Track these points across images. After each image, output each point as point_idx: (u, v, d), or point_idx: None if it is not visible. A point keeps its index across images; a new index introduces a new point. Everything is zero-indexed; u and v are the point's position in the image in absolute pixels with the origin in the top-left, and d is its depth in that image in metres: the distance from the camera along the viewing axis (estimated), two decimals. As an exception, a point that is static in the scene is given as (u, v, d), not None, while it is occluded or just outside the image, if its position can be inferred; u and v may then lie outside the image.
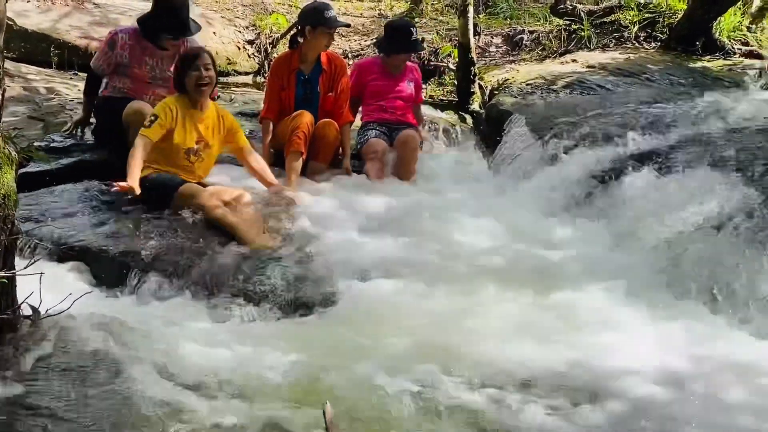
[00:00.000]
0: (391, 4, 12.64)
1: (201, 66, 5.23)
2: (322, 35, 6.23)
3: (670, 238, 4.80)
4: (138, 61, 5.99)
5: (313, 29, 6.20)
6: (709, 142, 5.71)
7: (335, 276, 4.63)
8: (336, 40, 10.11)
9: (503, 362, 3.61)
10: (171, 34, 5.94)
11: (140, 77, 5.97)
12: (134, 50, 5.98)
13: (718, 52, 8.48)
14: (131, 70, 5.99)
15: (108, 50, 6.01)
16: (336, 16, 6.36)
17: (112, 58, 5.98)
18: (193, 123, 5.28)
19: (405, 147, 6.43)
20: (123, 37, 6.00)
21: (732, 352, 3.74)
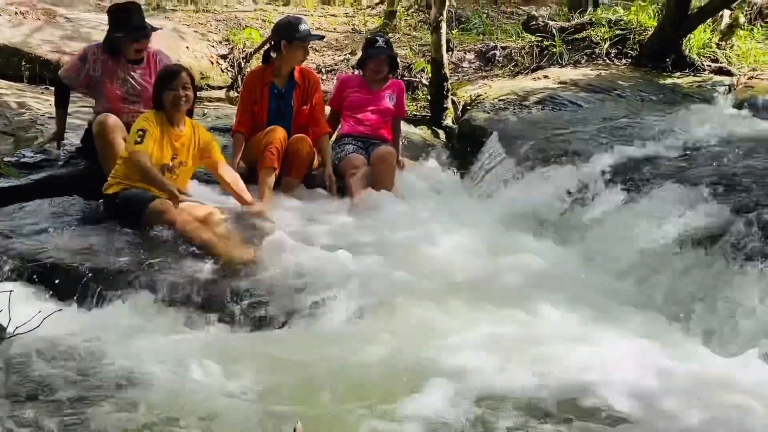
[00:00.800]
0: (365, 19, 12.68)
1: (179, 85, 5.24)
2: (297, 49, 6.25)
3: (640, 255, 4.84)
4: (110, 75, 5.98)
5: (288, 43, 6.21)
6: (679, 159, 5.78)
7: (306, 292, 4.59)
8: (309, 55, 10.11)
9: (474, 380, 3.58)
10: (126, 36, 5.93)
11: (114, 94, 5.95)
12: (106, 64, 5.98)
13: (688, 69, 8.60)
14: (104, 85, 5.98)
15: (79, 63, 6.02)
16: (310, 30, 6.39)
17: (83, 71, 5.98)
18: (169, 140, 5.26)
19: (382, 163, 6.41)
20: (95, 52, 6.03)
21: (700, 370, 3.74)
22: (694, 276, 4.50)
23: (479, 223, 5.87)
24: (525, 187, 6.24)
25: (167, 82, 5.25)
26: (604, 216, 5.49)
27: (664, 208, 5.16)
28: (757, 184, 4.99)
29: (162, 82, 5.28)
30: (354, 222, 5.68)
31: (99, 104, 6.06)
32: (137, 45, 5.98)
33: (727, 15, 9.43)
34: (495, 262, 5.16)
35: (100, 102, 6.04)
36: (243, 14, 11.86)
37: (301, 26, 6.25)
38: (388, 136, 6.82)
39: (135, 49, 5.98)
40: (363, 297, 4.52)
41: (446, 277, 4.87)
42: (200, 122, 6.36)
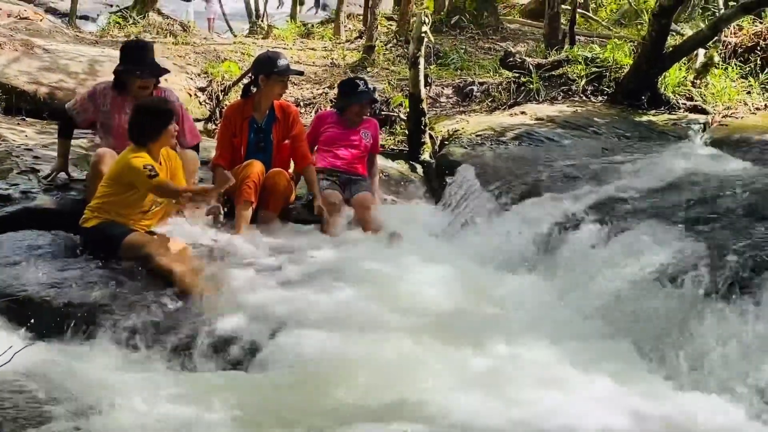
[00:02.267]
0: (344, 53, 12.77)
1: (175, 122, 5.32)
2: (275, 84, 6.29)
3: (614, 293, 4.81)
4: (118, 110, 6.02)
5: (267, 78, 6.25)
6: (653, 197, 5.80)
7: (279, 328, 4.57)
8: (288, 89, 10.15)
9: (447, 422, 3.56)
10: (135, 74, 5.99)
11: (123, 129, 5.90)
12: (115, 100, 6.06)
13: (663, 107, 8.71)
14: (113, 120, 6.03)
15: (87, 100, 6.12)
16: (289, 65, 6.42)
17: (90, 109, 6.07)
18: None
19: (362, 208, 6.45)
20: (104, 88, 6.13)
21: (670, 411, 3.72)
22: (666, 315, 4.47)
23: (454, 259, 5.86)
24: (500, 223, 6.24)
25: (168, 119, 5.23)
26: (579, 253, 5.46)
27: (637, 246, 5.13)
28: (730, 223, 5.00)
29: (161, 119, 5.24)
30: (329, 258, 5.65)
31: (105, 141, 6.09)
32: (141, 82, 6.01)
33: (702, 54, 9.57)
34: (469, 298, 5.15)
35: (106, 138, 6.08)
36: (222, 47, 11.92)
37: (280, 61, 6.30)
38: (363, 171, 6.85)
39: (139, 86, 6.01)
40: (335, 334, 4.47)
41: (420, 314, 4.83)
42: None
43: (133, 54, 6.11)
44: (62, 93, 8.35)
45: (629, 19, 16.21)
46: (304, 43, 14.41)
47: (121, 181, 5.15)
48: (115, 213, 5.15)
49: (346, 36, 15.17)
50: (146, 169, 5.08)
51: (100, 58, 9.26)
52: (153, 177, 5.07)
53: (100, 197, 5.22)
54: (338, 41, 14.54)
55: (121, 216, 5.16)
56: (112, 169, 5.27)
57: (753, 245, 4.53)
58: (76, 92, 8.35)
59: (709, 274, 4.45)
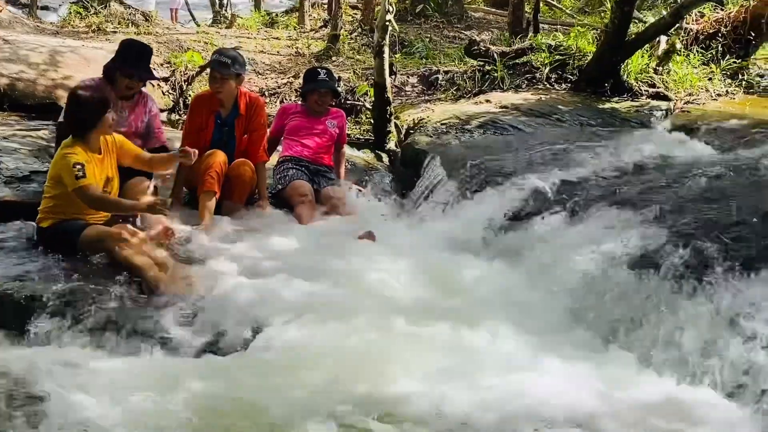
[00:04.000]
0: (309, 42, 12.71)
1: (114, 111, 5.21)
2: (210, 79, 6.30)
3: (578, 277, 4.86)
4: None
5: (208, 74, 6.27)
6: (616, 182, 5.86)
7: (247, 318, 4.56)
8: (253, 78, 10.12)
9: (416, 405, 3.59)
10: (122, 72, 5.91)
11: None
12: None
13: (626, 94, 8.77)
14: None
15: None
16: (217, 59, 6.23)
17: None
18: (96, 164, 5.16)
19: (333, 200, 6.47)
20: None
21: (639, 391, 3.78)
22: (630, 298, 4.53)
23: (421, 246, 5.88)
24: (466, 210, 6.27)
25: (105, 107, 5.16)
26: (544, 239, 5.52)
27: (601, 231, 5.20)
28: (692, 207, 5.06)
29: (99, 107, 5.16)
30: (296, 247, 5.64)
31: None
32: (129, 83, 5.95)
33: (664, 41, 9.64)
34: (436, 285, 5.16)
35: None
36: (185, 37, 11.82)
37: (215, 56, 6.29)
38: (329, 162, 6.84)
39: (127, 85, 5.95)
40: (303, 323, 4.48)
41: (389, 300, 4.86)
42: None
43: (132, 54, 6.00)
44: (23, 84, 8.20)
45: (592, 6, 16.34)
46: (268, 32, 14.32)
47: (61, 180, 5.05)
48: (69, 211, 5.08)
49: (311, 25, 15.10)
50: (75, 168, 4.97)
51: (61, 49, 9.11)
52: (79, 178, 4.96)
53: (48, 197, 5.13)
54: (303, 30, 14.47)
55: (75, 213, 5.09)
56: (52, 168, 5.16)
57: (715, 230, 4.59)
58: (36, 83, 8.24)
59: (672, 258, 4.50)
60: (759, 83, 9.98)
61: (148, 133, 6.07)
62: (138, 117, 6.00)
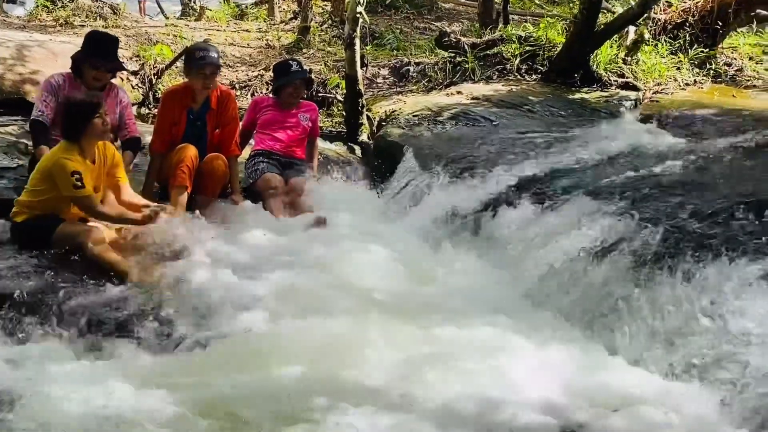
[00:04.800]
0: (279, 35, 12.65)
1: (103, 113, 5.14)
2: (195, 78, 6.21)
3: (552, 267, 4.90)
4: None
5: (188, 72, 6.24)
6: (588, 173, 5.91)
7: (220, 313, 4.55)
8: (223, 71, 10.05)
9: (392, 398, 3.59)
10: (95, 66, 5.88)
11: None
12: (70, 89, 5.88)
13: (596, 84, 8.83)
14: None
15: (48, 95, 5.90)
16: (209, 56, 6.19)
17: (53, 101, 5.87)
18: (90, 174, 5.11)
19: (294, 193, 6.47)
20: (58, 80, 5.96)
21: (610, 378, 3.81)
22: (601, 287, 4.57)
23: (395, 239, 5.91)
24: (439, 202, 6.29)
25: (94, 111, 5.09)
26: (517, 228, 5.55)
27: (572, 221, 5.23)
28: (662, 197, 5.10)
29: (87, 111, 5.08)
30: (270, 241, 5.64)
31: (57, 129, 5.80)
32: (96, 74, 5.91)
33: (632, 31, 9.70)
34: (410, 277, 5.20)
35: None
36: (154, 30, 11.72)
37: (199, 53, 6.21)
38: (301, 155, 6.83)
39: (94, 77, 5.90)
40: (278, 317, 4.48)
41: (362, 292, 4.87)
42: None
43: (97, 45, 5.97)
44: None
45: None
46: (238, 24, 14.25)
47: (51, 179, 5.02)
48: (47, 207, 5.04)
49: (281, 17, 15.03)
50: (74, 177, 4.95)
51: (29, 43, 9.01)
52: (78, 188, 4.95)
53: (30, 192, 5.09)
54: (273, 22, 14.40)
55: (53, 209, 5.06)
56: (42, 164, 5.11)
57: (685, 219, 4.63)
58: (4, 78, 8.16)
59: (642, 247, 4.55)
60: (726, 72, 10.08)
61: (120, 125, 6.04)
62: (110, 109, 5.91)
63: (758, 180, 5.20)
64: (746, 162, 5.87)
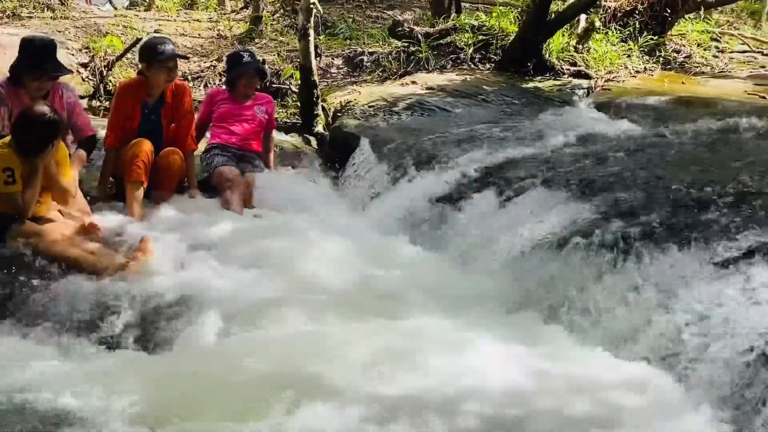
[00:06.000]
0: (230, 24, 12.54)
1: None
2: (159, 71, 6.09)
3: (510, 257, 4.94)
4: (19, 105, 5.52)
5: (149, 66, 6.09)
6: (543, 162, 5.95)
7: (183, 310, 4.51)
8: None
9: (355, 393, 3.57)
10: (29, 74, 5.59)
11: None
12: (14, 100, 5.62)
13: (549, 73, 8.91)
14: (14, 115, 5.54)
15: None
16: (174, 50, 6.18)
17: (4, 112, 5.60)
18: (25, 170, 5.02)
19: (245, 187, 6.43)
20: (1, 90, 5.64)
21: (573, 367, 3.84)
22: (560, 276, 4.61)
23: (353, 231, 5.89)
24: (396, 193, 6.31)
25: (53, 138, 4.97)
26: (475, 219, 5.58)
27: (530, 210, 5.28)
28: (618, 185, 5.17)
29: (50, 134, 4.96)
30: (228, 236, 5.59)
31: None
32: (38, 83, 5.61)
33: (583, 19, 9.80)
34: (370, 270, 5.17)
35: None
36: (103, 20, 11.55)
37: (161, 47, 6.09)
38: (258, 148, 6.80)
39: (36, 87, 5.60)
40: (241, 312, 4.45)
41: (323, 287, 4.84)
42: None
43: (35, 53, 5.63)
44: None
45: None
46: (188, 14, 14.08)
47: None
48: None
49: (232, 6, 14.90)
50: (5, 173, 4.84)
51: (-27, 36, 8.88)
52: (8, 185, 4.85)
53: None
54: (223, 12, 14.27)
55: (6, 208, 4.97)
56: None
57: (642, 206, 4.71)
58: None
59: (601, 235, 4.59)
60: (675, 59, 10.25)
61: (72, 128, 5.87)
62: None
63: (710, 168, 5.30)
64: (698, 150, 5.97)
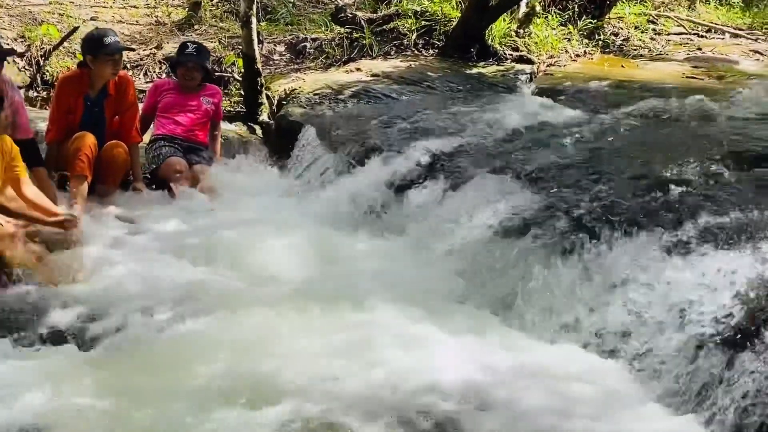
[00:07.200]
0: (168, 10, 12.31)
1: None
2: (104, 64, 6.00)
3: (461, 247, 4.97)
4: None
5: (95, 58, 5.97)
6: (491, 149, 6.00)
7: (132, 306, 4.43)
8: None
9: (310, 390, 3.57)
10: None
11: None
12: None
13: (492, 58, 8.95)
14: None
15: None
16: (118, 41, 6.11)
17: None
18: None
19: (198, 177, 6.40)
20: None
21: (524, 358, 3.90)
22: (511, 266, 4.65)
23: (302, 222, 5.86)
24: (344, 183, 6.29)
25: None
26: (425, 208, 5.60)
27: (478, 200, 5.30)
28: (565, 172, 5.23)
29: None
30: (175, 229, 5.56)
31: None
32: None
33: (523, 3, 9.85)
34: (320, 263, 5.15)
35: None
36: (38, 8, 11.25)
37: (107, 39, 5.99)
38: (204, 138, 6.73)
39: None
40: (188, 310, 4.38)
41: (273, 282, 4.82)
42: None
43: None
44: None
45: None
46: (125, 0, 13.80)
47: None
48: None
49: (169, -9, 14.63)
50: None
51: None
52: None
53: None
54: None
55: None
56: None
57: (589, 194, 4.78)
58: None
59: (550, 224, 4.67)
60: (614, 42, 10.37)
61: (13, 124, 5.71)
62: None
63: (655, 153, 5.39)
64: (641, 134, 6.07)
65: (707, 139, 5.57)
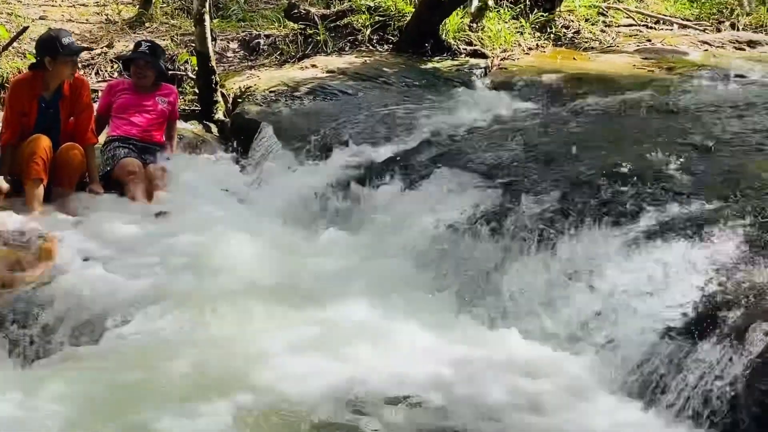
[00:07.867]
0: (118, 8, 12.17)
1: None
2: (63, 65, 5.92)
3: (422, 242, 5.00)
4: None
5: (54, 59, 5.88)
6: (449, 144, 6.04)
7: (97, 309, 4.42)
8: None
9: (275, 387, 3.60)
10: None
11: None
12: None
13: (446, 53, 8.98)
14: None
15: None
16: (75, 42, 6.07)
17: None
18: None
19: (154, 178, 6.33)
20: None
21: (487, 352, 3.95)
22: (473, 259, 4.72)
23: (261, 220, 5.87)
24: (302, 179, 6.29)
25: None
26: (385, 204, 5.62)
27: (437, 194, 5.35)
28: (525, 166, 5.30)
29: None
30: (134, 231, 5.50)
31: None
32: None
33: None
34: (283, 260, 5.16)
35: None
36: (-15, 8, 11.07)
37: (65, 39, 5.92)
38: (160, 138, 6.69)
39: None
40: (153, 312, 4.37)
41: (237, 281, 4.79)
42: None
43: None
44: None
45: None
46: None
47: None
48: None
49: (119, -11, 14.45)
50: None
51: None
52: None
53: None
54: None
55: None
56: None
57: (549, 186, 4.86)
58: None
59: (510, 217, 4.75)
60: (565, 35, 10.45)
61: None
62: None
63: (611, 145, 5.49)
64: (597, 127, 6.16)
65: (661, 130, 5.66)
